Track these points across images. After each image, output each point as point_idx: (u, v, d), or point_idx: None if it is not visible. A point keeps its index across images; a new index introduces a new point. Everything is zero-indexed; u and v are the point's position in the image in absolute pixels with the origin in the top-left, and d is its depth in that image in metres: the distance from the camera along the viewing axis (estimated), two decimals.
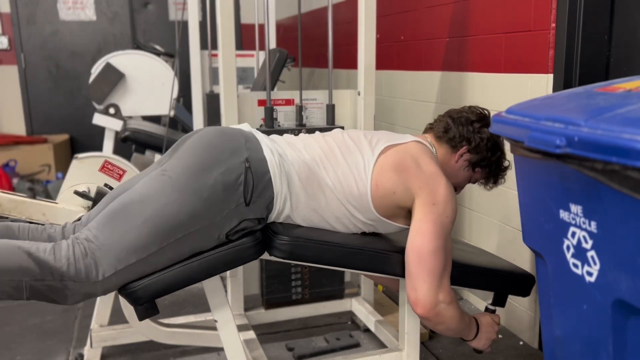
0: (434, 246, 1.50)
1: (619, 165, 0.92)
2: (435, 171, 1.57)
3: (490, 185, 1.82)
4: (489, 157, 1.73)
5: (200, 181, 1.44)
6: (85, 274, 1.37)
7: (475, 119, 1.73)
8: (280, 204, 1.53)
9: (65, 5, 5.20)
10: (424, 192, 1.54)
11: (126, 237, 1.39)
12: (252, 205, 1.49)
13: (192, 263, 1.47)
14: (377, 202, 1.58)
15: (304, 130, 2.21)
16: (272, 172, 1.50)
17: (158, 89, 3.56)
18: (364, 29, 2.23)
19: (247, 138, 1.55)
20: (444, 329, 1.57)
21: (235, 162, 1.48)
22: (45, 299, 1.39)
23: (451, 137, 1.72)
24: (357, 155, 1.60)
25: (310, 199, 1.56)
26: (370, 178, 1.57)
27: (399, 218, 1.63)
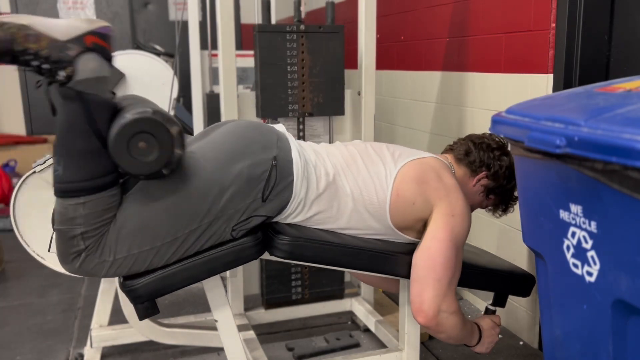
0: (447, 255, 1.51)
1: (619, 165, 0.92)
2: (455, 184, 1.61)
3: (499, 213, 1.84)
4: (504, 185, 1.76)
5: (226, 170, 1.44)
6: (102, 249, 1.37)
7: (495, 146, 1.76)
8: (293, 207, 1.53)
9: (65, 5, 5.20)
10: (443, 203, 1.56)
11: (144, 223, 1.39)
12: (268, 203, 1.49)
13: (192, 263, 1.47)
14: (394, 212, 1.59)
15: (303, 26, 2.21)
16: (295, 174, 1.51)
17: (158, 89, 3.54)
18: (364, 29, 2.23)
19: (279, 137, 1.56)
20: (444, 337, 1.57)
21: (263, 158, 1.48)
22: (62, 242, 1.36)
23: (472, 161, 1.74)
24: (379, 165, 1.61)
25: (322, 206, 1.56)
26: (392, 187, 1.58)
27: (410, 231, 1.64)
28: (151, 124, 1.30)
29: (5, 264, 3.25)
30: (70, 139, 1.30)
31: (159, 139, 1.31)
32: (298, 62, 2.23)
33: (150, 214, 1.39)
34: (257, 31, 2.18)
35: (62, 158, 1.31)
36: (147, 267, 1.43)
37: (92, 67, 1.29)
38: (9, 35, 1.23)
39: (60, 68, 1.28)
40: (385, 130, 3.46)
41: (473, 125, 2.55)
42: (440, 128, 2.84)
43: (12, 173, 4.38)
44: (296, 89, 2.25)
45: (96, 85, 1.29)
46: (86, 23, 1.33)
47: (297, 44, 2.22)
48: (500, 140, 1.78)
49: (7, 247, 3.27)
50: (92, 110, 1.28)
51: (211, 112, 3.45)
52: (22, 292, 2.89)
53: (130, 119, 1.28)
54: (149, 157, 1.31)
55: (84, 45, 1.30)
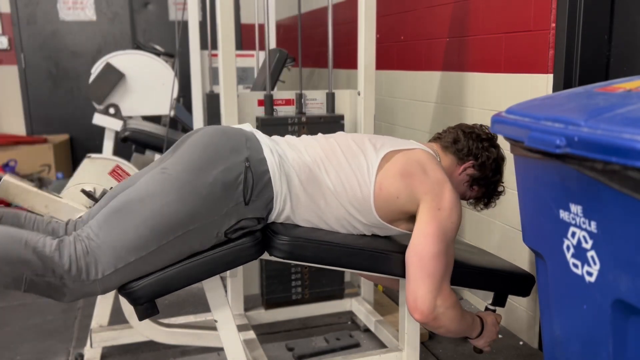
0: (436, 250, 1.50)
1: (619, 165, 0.92)
2: (442, 177, 1.58)
3: (481, 207, 1.83)
4: (489, 177, 1.75)
5: (200, 179, 1.44)
6: (86, 272, 1.37)
7: (485, 137, 1.76)
8: (280, 204, 1.53)
9: (65, 5, 5.20)
10: (429, 197, 1.54)
11: (126, 236, 1.39)
12: (251, 205, 1.49)
13: (192, 263, 1.47)
14: (380, 205, 1.58)
15: (304, 117, 2.23)
16: (271, 172, 1.51)
17: (158, 89, 3.56)
18: (364, 29, 2.23)
19: (247, 137, 1.55)
20: (443, 331, 1.57)
21: (235, 161, 1.48)
22: (42, 293, 1.39)
23: (459, 149, 1.73)
24: (361, 158, 1.60)
25: (310, 200, 1.56)
26: (374, 181, 1.57)
27: (400, 222, 1.63)
28: None
29: None
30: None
31: None
32: None
33: (129, 226, 1.40)
34: (260, 124, 2.21)
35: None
36: (141, 274, 1.44)
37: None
38: None
39: None
40: (385, 130, 3.46)
41: None
42: (440, 128, 2.81)
43: (12, 173, 4.37)
44: None
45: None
46: None
47: (298, 135, 2.23)
48: (489, 133, 1.77)
49: None
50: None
51: (211, 112, 3.45)
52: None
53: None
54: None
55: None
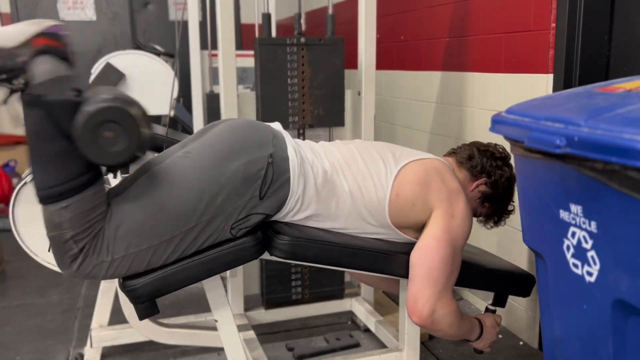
0: (444, 255, 1.51)
1: (619, 165, 0.92)
2: (458, 187, 1.61)
3: (491, 225, 1.84)
4: (501, 195, 1.76)
5: (222, 168, 1.44)
6: (98, 251, 1.36)
7: (498, 156, 1.77)
8: (291, 205, 1.53)
9: (65, 5, 5.20)
10: (444, 204, 1.56)
11: (142, 221, 1.39)
12: (265, 200, 1.49)
13: (192, 263, 1.47)
14: (394, 211, 1.58)
15: (303, 38, 2.23)
16: (292, 171, 1.51)
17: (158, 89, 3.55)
18: (364, 29, 2.23)
19: (274, 134, 1.56)
20: (441, 335, 1.58)
21: (259, 155, 1.48)
22: (57, 248, 1.36)
23: (473, 165, 1.74)
24: (380, 163, 1.61)
25: (321, 205, 1.56)
26: (392, 187, 1.58)
27: (409, 230, 1.63)
28: (111, 111, 1.27)
29: (5, 264, 3.25)
30: (40, 144, 1.28)
31: (123, 124, 1.27)
32: (298, 74, 2.24)
33: (148, 212, 1.39)
34: (258, 44, 2.19)
35: (37, 165, 1.30)
36: (146, 267, 1.43)
37: (47, 69, 1.26)
38: None
39: (15, 76, 1.25)
40: (385, 130, 3.46)
41: (473, 125, 2.55)
42: (440, 128, 2.84)
43: (12, 173, 4.37)
44: (297, 101, 2.26)
45: (54, 86, 1.26)
46: (34, 25, 1.29)
47: (297, 57, 2.23)
48: (504, 152, 1.79)
49: (7, 247, 3.27)
50: (55, 112, 1.26)
51: (211, 112, 3.45)
52: (22, 292, 2.89)
53: (89, 111, 1.25)
54: (118, 145, 1.28)
55: (34, 48, 1.27)
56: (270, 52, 2.20)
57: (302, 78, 2.24)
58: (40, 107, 1.26)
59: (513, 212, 1.82)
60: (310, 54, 2.24)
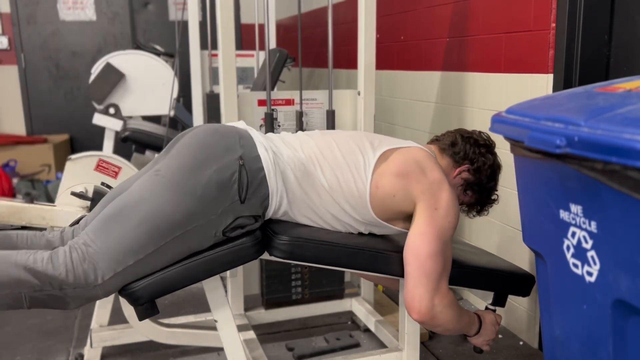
0: (433, 250, 1.50)
1: (619, 165, 0.92)
2: (439, 177, 1.58)
3: (473, 214, 1.82)
4: (484, 183, 1.74)
5: (194, 179, 1.44)
6: (85, 278, 1.37)
7: (482, 143, 1.75)
8: (276, 201, 1.53)
9: (65, 5, 5.20)
10: (426, 197, 1.54)
11: (123, 239, 1.39)
12: (247, 203, 1.49)
13: (192, 263, 1.47)
14: (376, 203, 1.58)
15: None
16: (266, 169, 1.50)
17: (158, 89, 3.56)
18: (364, 29, 2.23)
19: (240, 135, 1.55)
20: (441, 330, 1.57)
21: (228, 160, 1.47)
22: (46, 306, 1.40)
23: (456, 152, 1.72)
24: (358, 155, 1.59)
25: (306, 197, 1.56)
26: (371, 179, 1.56)
27: (397, 221, 1.63)
28: None
29: None
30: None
31: None
32: None
33: (125, 229, 1.40)
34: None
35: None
36: (142, 275, 1.44)
37: None
38: None
39: None
40: (385, 130, 3.46)
41: (473, 125, 2.55)
42: (440, 128, 2.83)
43: (12, 173, 4.37)
44: None
45: None
46: None
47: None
48: (488, 139, 1.77)
49: None
50: None
51: (211, 112, 3.45)
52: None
53: None
54: None
55: None
56: None
57: None
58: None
59: (497, 201, 1.80)
60: None
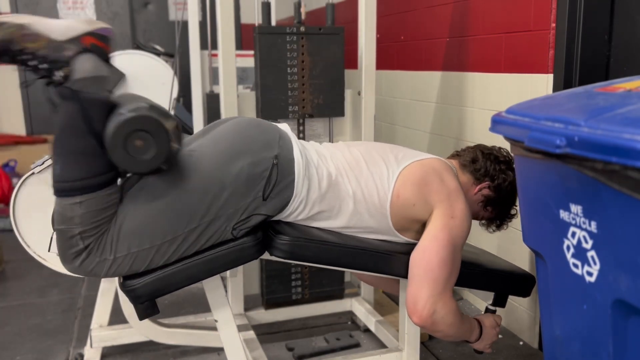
0: (443, 255, 1.51)
1: (619, 165, 0.92)
2: (457, 187, 1.60)
3: (493, 229, 1.83)
4: (504, 199, 1.75)
5: (226, 168, 1.44)
6: (102, 249, 1.37)
7: (502, 159, 1.76)
8: (294, 206, 1.53)
9: (65, 5, 5.20)
10: (443, 205, 1.56)
11: (144, 221, 1.39)
12: (268, 202, 1.49)
13: (192, 262, 1.47)
14: (395, 212, 1.59)
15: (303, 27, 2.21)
16: (297, 173, 1.51)
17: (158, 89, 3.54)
18: (364, 29, 2.23)
19: (281, 135, 1.56)
20: (441, 335, 1.58)
21: (264, 156, 1.48)
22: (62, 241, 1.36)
23: (477, 169, 1.74)
24: (382, 166, 1.61)
25: (324, 207, 1.56)
26: (393, 188, 1.58)
27: (409, 232, 1.64)
28: (146, 121, 1.29)
29: (5, 264, 3.25)
30: (67, 138, 1.30)
31: (155, 135, 1.30)
32: (298, 63, 2.23)
33: (151, 212, 1.40)
34: (258, 32, 2.18)
35: (59, 157, 1.31)
36: (147, 266, 1.43)
37: (89, 67, 1.30)
38: (8, 35, 1.24)
39: (57, 68, 1.29)
40: (385, 130, 3.46)
41: (473, 125, 2.55)
42: (440, 128, 2.84)
43: (12, 173, 4.37)
44: (296, 90, 2.25)
45: (93, 84, 1.29)
46: (85, 24, 1.33)
47: (297, 46, 2.22)
48: (508, 156, 1.78)
49: (7, 247, 3.27)
50: (89, 109, 1.28)
51: (211, 112, 3.45)
52: (22, 292, 2.89)
53: (125, 117, 1.28)
54: (146, 154, 1.31)
55: (82, 45, 1.30)
56: (270, 41, 2.19)
57: (302, 67, 2.23)
58: (76, 102, 1.28)
59: (516, 216, 1.82)
60: (310, 43, 2.23)
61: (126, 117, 1.28)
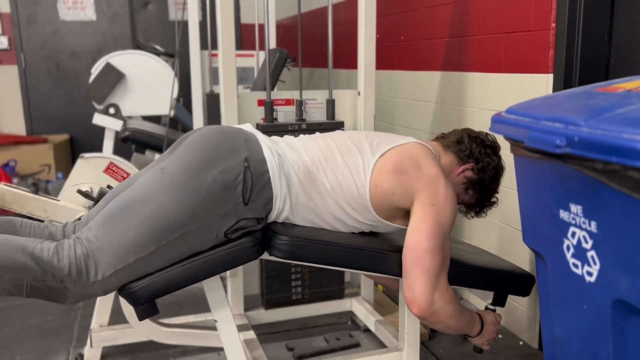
0: (431, 245, 1.50)
1: (619, 165, 0.92)
2: (436, 172, 1.57)
3: (472, 215, 1.83)
4: (487, 183, 1.75)
5: (199, 179, 1.44)
6: (86, 274, 1.37)
7: (489, 144, 1.75)
8: (279, 205, 1.53)
9: (65, 5, 5.20)
10: (423, 193, 1.54)
11: (125, 237, 1.39)
12: (251, 205, 1.49)
13: (192, 263, 1.47)
14: (376, 202, 1.58)
15: (304, 124, 2.21)
16: (271, 172, 1.51)
17: (158, 89, 3.56)
18: (364, 29, 2.23)
19: (247, 137, 1.55)
20: (442, 327, 1.57)
21: (234, 161, 1.48)
22: (44, 297, 1.40)
23: (462, 149, 1.73)
24: (357, 157, 1.60)
25: (309, 200, 1.56)
26: (370, 179, 1.57)
27: (397, 219, 1.63)
28: None
29: None
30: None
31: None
32: None
33: (128, 227, 1.40)
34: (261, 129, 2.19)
35: None
36: (143, 274, 1.44)
37: None
38: None
39: None
40: (385, 130, 3.45)
41: (473, 125, 2.55)
42: (440, 128, 2.83)
43: (12, 173, 4.38)
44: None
45: None
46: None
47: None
48: (494, 141, 1.77)
49: None
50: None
51: (211, 112, 3.45)
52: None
53: None
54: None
55: None
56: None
57: None
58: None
59: (496, 204, 1.81)
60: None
61: None
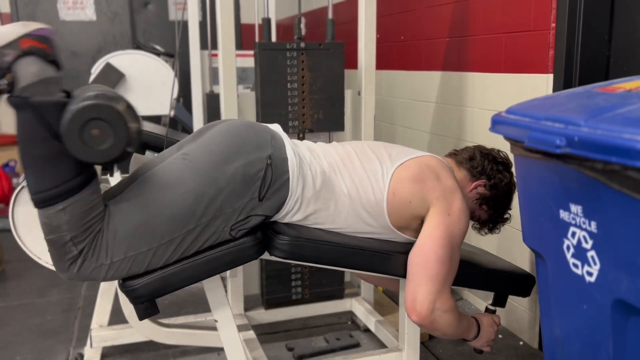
0: (441, 253, 1.51)
1: (619, 165, 0.92)
2: (453, 184, 1.60)
3: (485, 231, 1.83)
4: (499, 200, 1.75)
5: (221, 170, 1.44)
6: (97, 254, 1.36)
7: (500, 160, 1.76)
8: (290, 205, 1.53)
9: (65, 5, 5.20)
10: (440, 202, 1.56)
11: (141, 224, 1.38)
12: (265, 202, 1.49)
13: (192, 263, 1.47)
14: (392, 210, 1.59)
15: (303, 43, 2.22)
16: (291, 172, 1.51)
17: (158, 89, 3.55)
18: (364, 29, 2.23)
19: (273, 135, 1.56)
20: (439, 334, 1.58)
21: (258, 157, 1.48)
22: (55, 251, 1.35)
23: (474, 166, 1.74)
24: (376, 164, 1.61)
25: (321, 204, 1.56)
26: (388, 186, 1.58)
27: (409, 230, 1.63)
28: (95, 109, 1.25)
29: (5, 264, 3.25)
30: (32, 147, 1.27)
31: (108, 121, 1.26)
32: (298, 78, 2.24)
33: (146, 214, 1.39)
34: (258, 49, 2.19)
35: (30, 168, 1.29)
36: (146, 269, 1.43)
37: (33, 71, 1.26)
38: None
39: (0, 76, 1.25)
40: (385, 130, 3.46)
41: (473, 125, 2.55)
42: (440, 128, 2.84)
43: (12, 173, 4.38)
44: (296, 106, 2.26)
45: (42, 88, 1.25)
46: (21, 27, 1.29)
47: (297, 61, 2.23)
48: (506, 158, 1.78)
49: (7, 247, 3.27)
50: (43, 114, 1.25)
51: (211, 112, 3.45)
52: (22, 292, 2.89)
53: (73, 111, 1.23)
54: (107, 142, 1.27)
55: (20, 49, 1.26)
56: (271, 57, 2.20)
57: (302, 83, 2.24)
58: (28, 109, 1.25)
59: (509, 220, 1.82)
60: (310, 58, 2.24)
61: (74, 110, 1.23)
